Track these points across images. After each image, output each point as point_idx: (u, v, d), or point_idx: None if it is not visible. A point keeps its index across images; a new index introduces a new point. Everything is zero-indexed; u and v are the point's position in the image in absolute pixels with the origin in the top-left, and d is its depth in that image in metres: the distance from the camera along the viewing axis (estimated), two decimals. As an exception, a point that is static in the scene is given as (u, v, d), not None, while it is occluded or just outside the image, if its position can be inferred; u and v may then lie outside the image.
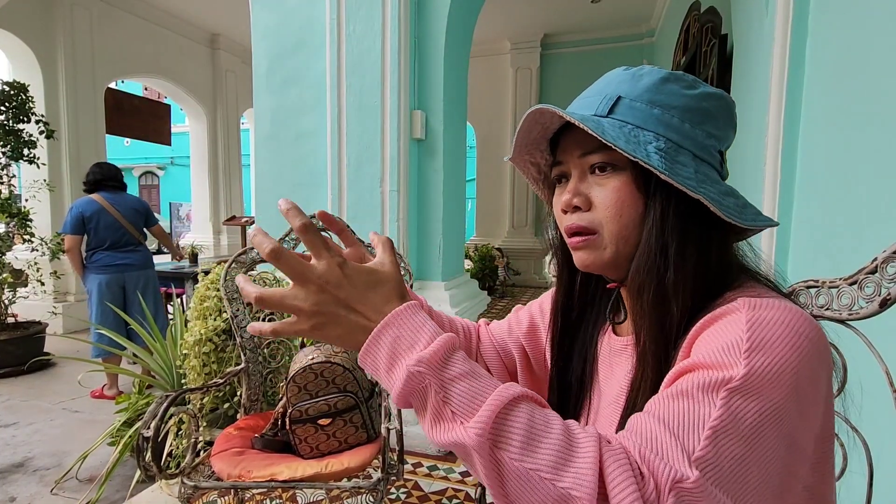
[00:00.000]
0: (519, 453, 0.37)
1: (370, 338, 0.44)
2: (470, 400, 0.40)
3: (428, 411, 0.41)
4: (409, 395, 0.42)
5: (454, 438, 0.39)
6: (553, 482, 0.36)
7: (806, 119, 1.41)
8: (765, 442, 0.38)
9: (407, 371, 0.41)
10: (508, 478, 0.37)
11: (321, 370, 1.37)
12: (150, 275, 3.19)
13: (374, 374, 0.44)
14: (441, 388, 0.40)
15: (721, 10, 2.56)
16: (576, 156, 0.55)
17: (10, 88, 3.54)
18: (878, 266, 0.63)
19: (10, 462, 2.29)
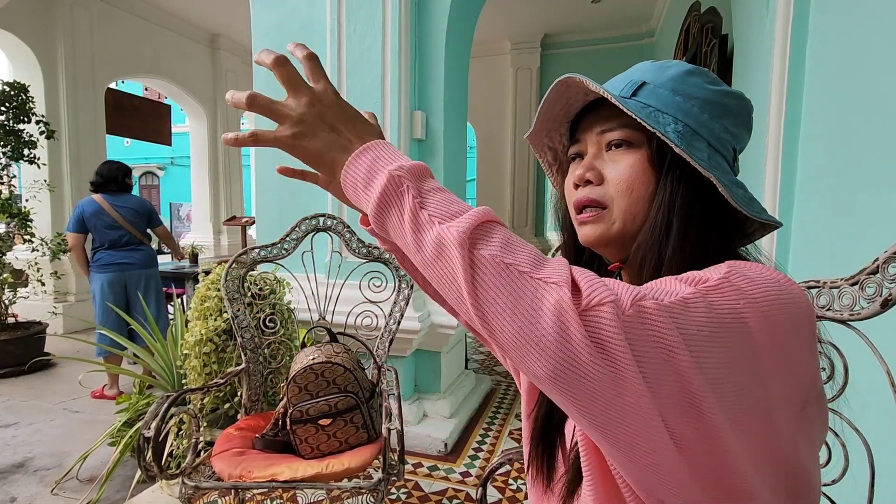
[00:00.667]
0: (499, 251, 0.38)
1: (354, 154, 0.45)
2: (446, 207, 0.41)
3: (406, 220, 0.41)
4: (386, 204, 0.42)
5: (433, 239, 0.39)
6: (530, 274, 0.37)
7: (806, 119, 1.41)
8: (731, 343, 0.38)
9: (388, 174, 0.42)
10: (483, 273, 0.37)
11: (322, 370, 1.37)
12: (152, 274, 3.20)
13: (353, 192, 0.45)
14: (418, 195, 0.42)
15: (721, 10, 2.56)
16: (595, 133, 0.56)
17: (10, 89, 3.54)
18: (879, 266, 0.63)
19: (11, 462, 2.30)
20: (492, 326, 0.37)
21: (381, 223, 0.44)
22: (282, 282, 2.17)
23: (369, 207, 0.43)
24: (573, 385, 0.35)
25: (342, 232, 1.77)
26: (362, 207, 0.46)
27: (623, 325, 0.35)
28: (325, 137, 0.47)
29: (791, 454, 0.43)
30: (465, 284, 0.37)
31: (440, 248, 0.39)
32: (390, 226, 0.43)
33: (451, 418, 2.52)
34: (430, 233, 0.40)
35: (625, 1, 4.74)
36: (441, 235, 0.39)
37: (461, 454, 2.35)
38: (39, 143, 3.75)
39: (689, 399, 0.36)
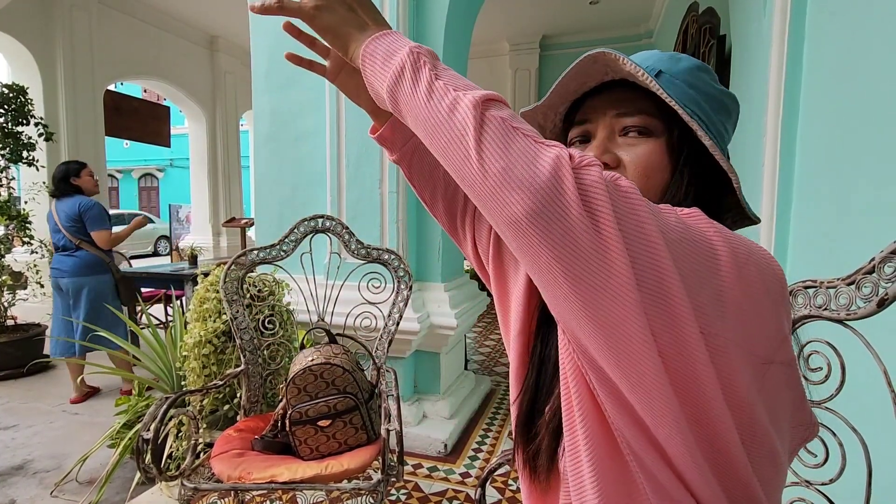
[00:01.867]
0: (509, 117, 0.41)
1: (376, 35, 0.49)
2: (460, 80, 0.44)
3: (420, 87, 0.44)
4: (403, 76, 0.45)
5: (447, 104, 0.42)
6: (534, 138, 0.40)
7: (804, 119, 1.42)
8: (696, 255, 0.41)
9: (408, 49, 0.46)
10: (492, 129, 0.40)
11: (321, 372, 1.37)
12: (83, 283, 2.96)
13: (371, 67, 0.48)
14: (434, 69, 0.45)
15: (719, 10, 2.57)
16: (609, 115, 0.55)
17: (8, 91, 3.54)
18: (875, 266, 0.63)
19: (10, 465, 2.29)
20: (486, 169, 0.39)
21: (394, 95, 0.46)
22: (281, 283, 2.17)
23: (386, 79, 0.46)
24: (555, 229, 0.37)
25: (341, 233, 1.77)
26: (376, 84, 0.48)
27: (606, 185, 0.38)
28: (343, 14, 0.51)
29: (747, 408, 0.43)
30: (473, 142, 0.40)
31: (453, 109, 0.42)
32: (403, 97, 0.46)
33: (451, 419, 2.52)
34: (445, 98, 0.43)
35: (623, 2, 4.75)
36: (456, 98, 0.42)
37: (461, 455, 2.35)
38: (38, 145, 3.75)
39: (661, 284, 0.38)
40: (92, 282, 3.00)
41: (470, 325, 2.82)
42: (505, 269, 0.67)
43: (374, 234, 2.41)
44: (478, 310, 2.85)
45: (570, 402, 0.48)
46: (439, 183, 0.70)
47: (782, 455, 0.47)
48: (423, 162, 0.67)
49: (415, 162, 0.67)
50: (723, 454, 0.44)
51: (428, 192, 0.70)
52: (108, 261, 3.06)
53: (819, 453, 0.76)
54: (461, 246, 0.73)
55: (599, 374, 0.44)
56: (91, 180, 3.06)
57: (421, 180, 0.69)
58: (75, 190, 3.00)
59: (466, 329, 2.81)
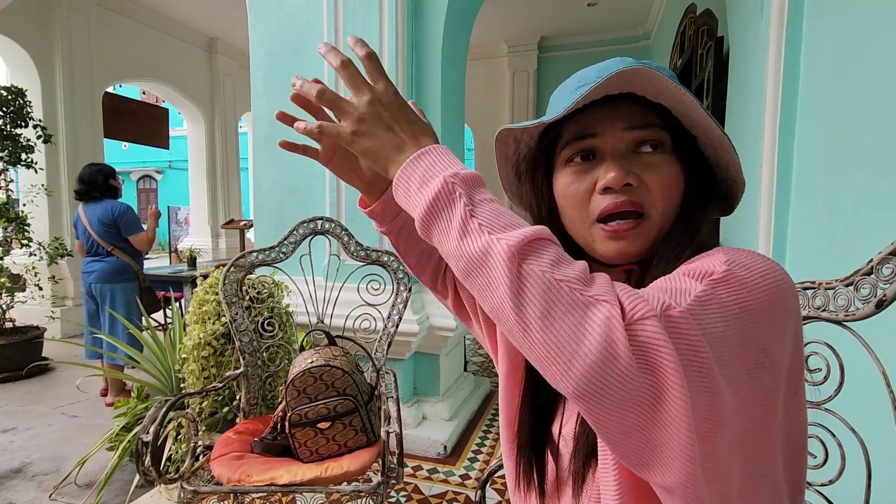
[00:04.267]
0: (549, 268, 0.37)
1: (412, 157, 0.46)
2: (497, 218, 0.41)
3: (454, 226, 0.42)
4: (436, 209, 0.43)
5: (480, 248, 0.39)
6: (580, 291, 0.36)
7: (802, 121, 1.42)
8: (741, 333, 0.39)
9: (442, 180, 0.43)
10: (533, 287, 0.37)
11: (320, 374, 1.37)
12: (116, 289, 2.99)
13: (405, 194, 0.46)
14: (470, 203, 0.42)
15: (717, 12, 2.57)
16: (618, 129, 0.51)
17: (7, 93, 3.53)
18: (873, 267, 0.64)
19: (9, 467, 2.29)
20: (532, 339, 0.37)
21: (427, 227, 0.44)
22: (280, 285, 2.17)
23: (418, 209, 0.44)
24: (611, 397, 0.35)
25: (340, 235, 1.77)
26: (409, 208, 0.46)
27: (667, 337, 0.35)
28: (381, 136, 0.49)
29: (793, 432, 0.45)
30: (510, 297, 0.37)
31: (486, 257, 0.39)
32: (435, 230, 0.44)
33: (451, 421, 2.52)
34: (478, 241, 0.40)
35: (621, 3, 4.76)
36: (489, 245, 0.39)
37: (460, 456, 2.35)
38: (37, 147, 3.75)
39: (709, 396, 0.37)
40: (119, 288, 3.01)
41: (469, 327, 2.82)
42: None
43: (373, 236, 2.41)
44: (477, 311, 2.85)
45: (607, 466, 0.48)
46: (424, 251, 0.71)
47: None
48: (411, 236, 0.69)
49: (402, 234, 0.69)
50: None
51: (414, 259, 0.72)
52: (137, 268, 3.06)
53: (818, 454, 0.76)
54: (442, 300, 0.75)
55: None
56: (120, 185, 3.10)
57: (407, 249, 0.71)
58: (112, 192, 2.99)
59: (466, 330, 2.81)
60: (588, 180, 0.52)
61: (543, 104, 5.82)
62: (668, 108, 0.51)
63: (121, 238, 2.98)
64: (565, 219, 0.56)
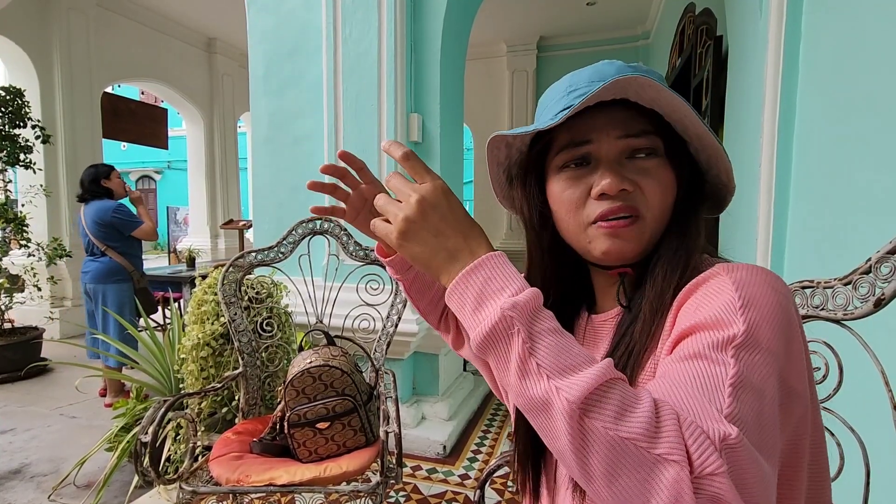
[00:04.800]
0: (613, 423, 0.35)
1: (463, 273, 0.43)
2: (558, 358, 0.39)
3: (512, 361, 0.39)
4: (493, 341, 0.41)
5: (538, 395, 0.37)
6: (648, 450, 0.34)
7: (800, 120, 1.42)
8: (770, 389, 0.40)
9: (500, 312, 0.40)
10: (597, 446, 0.35)
11: (319, 374, 1.36)
12: (107, 289, 2.99)
13: (459, 310, 0.44)
14: (529, 339, 0.39)
15: (716, 11, 2.57)
16: (612, 136, 0.52)
17: (5, 93, 3.53)
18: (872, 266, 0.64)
19: (8, 468, 2.28)
20: (596, 488, 0.36)
21: (482, 352, 0.42)
22: (279, 285, 2.17)
23: (474, 333, 0.42)
24: None
25: (339, 235, 1.77)
26: (462, 323, 0.44)
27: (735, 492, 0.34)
28: (430, 243, 0.45)
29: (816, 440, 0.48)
30: (572, 450, 0.36)
31: (545, 408, 0.37)
32: (492, 359, 0.42)
33: (450, 420, 2.52)
34: (537, 386, 0.38)
35: (620, 3, 4.76)
36: (549, 396, 0.37)
37: (460, 456, 2.35)
38: (35, 147, 3.74)
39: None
40: (111, 289, 3.01)
41: (468, 327, 2.82)
42: None
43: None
44: (476, 311, 2.84)
45: None
46: (433, 299, 0.73)
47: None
48: (423, 285, 0.71)
49: (416, 284, 0.70)
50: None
51: (423, 305, 0.73)
52: (131, 269, 3.05)
53: (817, 453, 0.76)
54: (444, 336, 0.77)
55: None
56: (120, 182, 3.08)
57: (418, 296, 0.72)
58: (105, 193, 2.99)
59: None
60: (582, 186, 0.53)
61: (542, 104, 5.82)
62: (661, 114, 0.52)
63: (114, 238, 2.97)
64: (560, 224, 0.57)
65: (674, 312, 0.49)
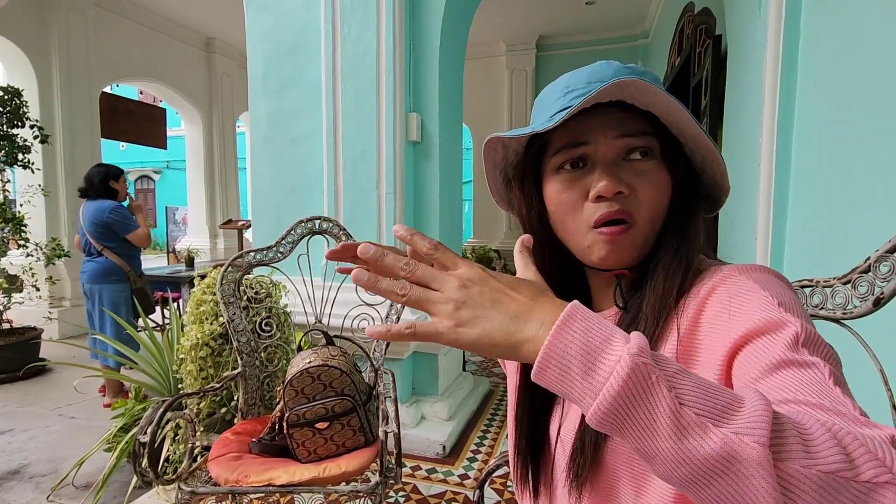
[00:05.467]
0: (806, 459, 0.29)
1: (553, 331, 0.35)
2: (707, 398, 0.31)
3: (660, 421, 0.31)
4: (628, 401, 0.32)
5: (714, 451, 0.30)
6: (854, 479, 0.29)
7: (800, 119, 1.42)
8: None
9: (627, 358, 0.32)
10: (805, 493, 0.29)
11: (318, 374, 1.36)
12: (103, 289, 2.98)
13: (562, 378, 0.34)
14: (671, 386, 0.31)
15: (715, 11, 2.57)
16: (609, 137, 0.51)
17: (4, 93, 3.52)
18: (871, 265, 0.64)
19: (6, 469, 2.28)
20: None
21: (610, 421, 0.33)
22: (278, 285, 2.17)
23: (596, 402, 0.32)
24: None
25: (338, 234, 1.76)
26: (570, 394, 0.34)
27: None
28: (492, 315, 0.37)
29: None
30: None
31: (729, 465, 0.29)
32: (626, 426, 0.32)
33: (449, 420, 2.52)
34: (708, 442, 0.30)
35: (619, 2, 4.76)
36: (730, 448, 0.29)
37: (459, 456, 2.35)
38: (34, 147, 3.74)
39: None
40: (107, 289, 3.00)
41: (468, 326, 2.82)
42: None
43: (371, 236, 2.41)
44: (476, 311, 2.84)
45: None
46: None
47: None
48: None
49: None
50: None
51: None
52: (127, 269, 3.04)
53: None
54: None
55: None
56: (125, 188, 3.08)
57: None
58: (110, 193, 2.99)
59: None
60: (579, 188, 0.53)
61: (542, 103, 5.82)
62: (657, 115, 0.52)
63: (111, 238, 2.97)
64: (557, 225, 0.57)
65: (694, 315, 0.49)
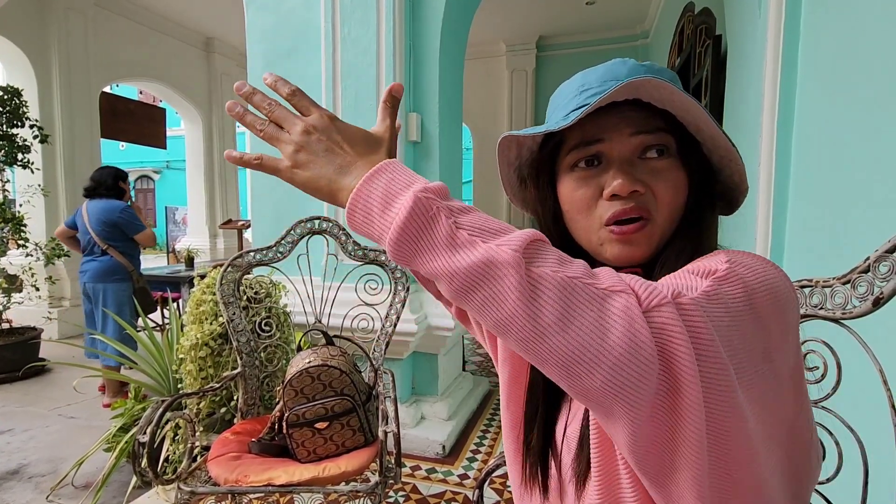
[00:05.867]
0: (558, 267, 0.36)
1: (365, 177, 0.42)
2: (484, 225, 0.38)
3: (438, 243, 0.38)
4: (412, 229, 0.38)
5: (477, 260, 0.36)
6: (594, 285, 0.35)
7: (799, 119, 1.42)
8: (746, 330, 0.39)
9: (413, 196, 0.39)
10: (548, 290, 0.35)
11: (318, 374, 1.36)
12: (107, 289, 3.01)
13: (365, 221, 0.42)
14: (451, 214, 0.39)
15: (715, 10, 2.57)
16: (625, 134, 0.51)
17: (3, 93, 3.52)
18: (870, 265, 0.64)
19: (6, 469, 2.28)
20: (551, 343, 0.35)
21: (401, 250, 0.39)
22: (277, 285, 2.17)
23: (389, 233, 0.39)
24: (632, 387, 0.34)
25: (338, 234, 1.76)
26: (373, 233, 0.42)
27: (683, 326, 0.34)
28: (320, 162, 0.45)
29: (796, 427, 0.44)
30: (523, 304, 0.35)
31: (488, 269, 0.36)
32: (413, 252, 0.39)
33: (449, 420, 2.52)
34: (474, 253, 0.37)
35: (619, 2, 4.76)
36: (490, 255, 0.36)
37: (459, 456, 2.35)
38: (33, 147, 3.73)
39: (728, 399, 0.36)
40: (111, 288, 3.02)
41: (467, 326, 2.82)
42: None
43: (371, 236, 2.40)
44: (475, 311, 2.84)
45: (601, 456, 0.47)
46: None
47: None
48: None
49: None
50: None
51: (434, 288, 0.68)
52: (131, 269, 3.07)
53: (816, 453, 0.76)
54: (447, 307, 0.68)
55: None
56: (129, 189, 3.15)
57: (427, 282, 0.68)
58: (118, 193, 3.04)
59: (464, 330, 2.81)
60: (594, 186, 0.52)
61: (542, 103, 5.82)
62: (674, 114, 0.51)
63: (117, 238, 3.00)
64: (571, 224, 0.56)
65: None
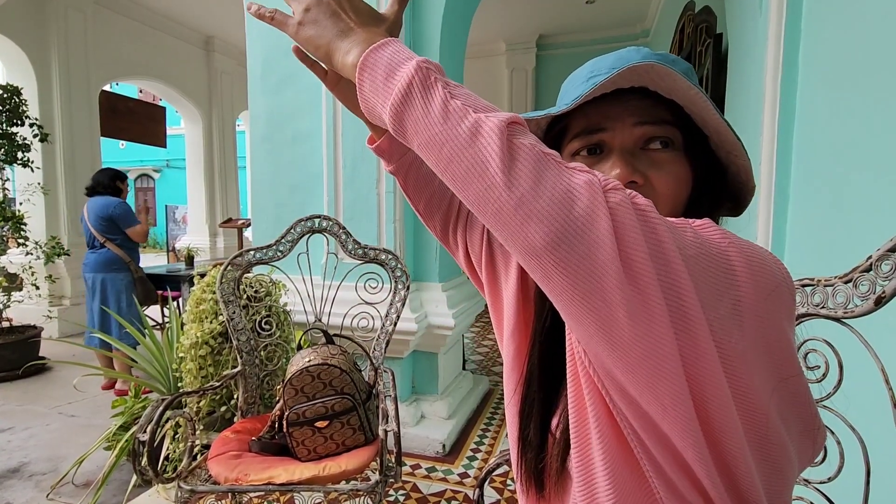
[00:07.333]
0: (536, 142, 0.39)
1: (376, 44, 0.44)
2: (476, 100, 0.41)
3: (433, 110, 0.40)
4: (412, 95, 0.41)
5: (466, 128, 0.39)
6: (564, 165, 0.38)
7: (800, 118, 1.42)
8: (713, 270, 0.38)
9: (416, 65, 0.41)
10: (524, 158, 0.37)
11: (318, 372, 1.36)
12: (106, 279, 3.16)
13: (371, 82, 0.44)
14: (447, 86, 0.41)
15: (716, 9, 2.57)
16: (628, 123, 0.50)
17: (3, 91, 3.52)
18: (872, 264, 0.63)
19: (6, 467, 2.28)
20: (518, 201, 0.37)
21: (400, 116, 0.42)
22: (277, 284, 2.16)
23: (390, 97, 0.42)
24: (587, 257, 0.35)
25: (338, 233, 1.76)
26: (375, 102, 0.44)
27: (633, 208, 0.36)
28: (325, 23, 0.48)
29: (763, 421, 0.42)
30: (501, 169, 0.37)
31: (475, 135, 0.38)
32: (412, 119, 0.41)
33: (449, 419, 2.52)
34: (465, 121, 0.39)
35: (619, 1, 4.76)
36: (478, 122, 0.39)
37: (459, 455, 2.35)
38: (33, 146, 3.73)
39: (680, 304, 0.36)
40: (110, 278, 3.18)
41: (468, 325, 2.82)
42: (496, 273, 0.66)
43: (371, 235, 2.41)
44: (475, 309, 2.84)
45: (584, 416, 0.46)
46: (436, 193, 0.68)
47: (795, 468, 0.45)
48: (420, 173, 0.66)
49: (412, 173, 0.66)
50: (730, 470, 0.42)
51: (423, 202, 0.69)
52: (128, 260, 3.23)
53: (817, 452, 0.76)
54: (454, 254, 0.72)
55: (623, 395, 0.42)
56: (127, 190, 3.35)
57: (417, 191, 0.68)
58: (114, 191, 3.23)
59: (464, 329, 2.81)
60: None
61: (542, 102, 5.81)
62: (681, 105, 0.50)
63: (114, 231, 3.16)
64: None
65: None
